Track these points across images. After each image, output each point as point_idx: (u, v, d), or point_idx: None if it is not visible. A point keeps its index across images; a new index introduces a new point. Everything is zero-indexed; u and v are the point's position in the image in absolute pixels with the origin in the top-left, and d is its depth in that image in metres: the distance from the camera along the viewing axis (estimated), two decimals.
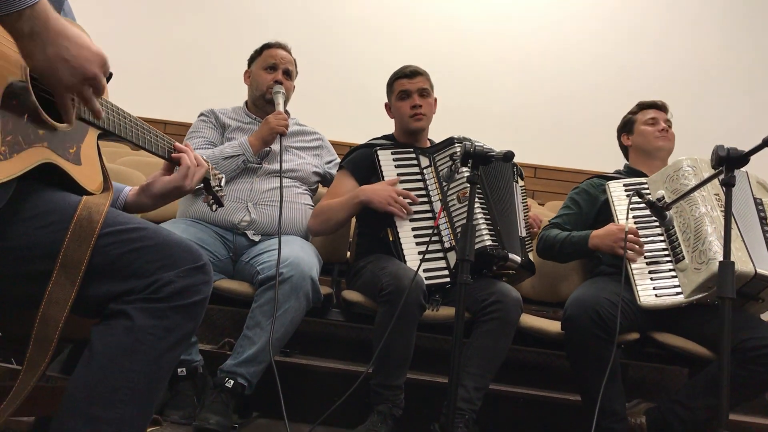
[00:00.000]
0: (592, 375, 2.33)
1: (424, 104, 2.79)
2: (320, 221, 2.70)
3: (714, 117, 5.53)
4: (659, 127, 2.92)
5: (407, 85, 2.80)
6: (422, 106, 2.78)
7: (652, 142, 2.91)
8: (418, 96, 2.79)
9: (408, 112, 2.78)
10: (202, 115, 2.91)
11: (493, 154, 2.00)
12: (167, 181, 1.52)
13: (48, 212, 1.13)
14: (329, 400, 2.21)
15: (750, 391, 2.37)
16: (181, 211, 2.75)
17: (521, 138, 5.31)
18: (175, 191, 1.53)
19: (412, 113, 2.77)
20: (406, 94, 2.79)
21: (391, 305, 2.28)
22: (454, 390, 1.84)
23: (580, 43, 5.86)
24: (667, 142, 2.92)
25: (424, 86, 2.81)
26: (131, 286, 1.12)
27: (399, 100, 2.81)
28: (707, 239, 2.42)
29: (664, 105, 3.01)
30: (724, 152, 1.88)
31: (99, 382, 1.08)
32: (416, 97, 2.78)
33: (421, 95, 2.79)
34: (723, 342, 1.77)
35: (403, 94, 2.80)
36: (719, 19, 5.91)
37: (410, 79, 2.80)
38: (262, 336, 2.28)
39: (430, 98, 2.84)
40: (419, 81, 2.80)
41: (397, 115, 2.85)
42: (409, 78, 2.80)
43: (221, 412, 2.20)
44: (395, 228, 2.57)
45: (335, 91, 5.51)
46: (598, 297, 2.41)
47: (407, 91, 2.79)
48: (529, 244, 2.75)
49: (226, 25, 5.83)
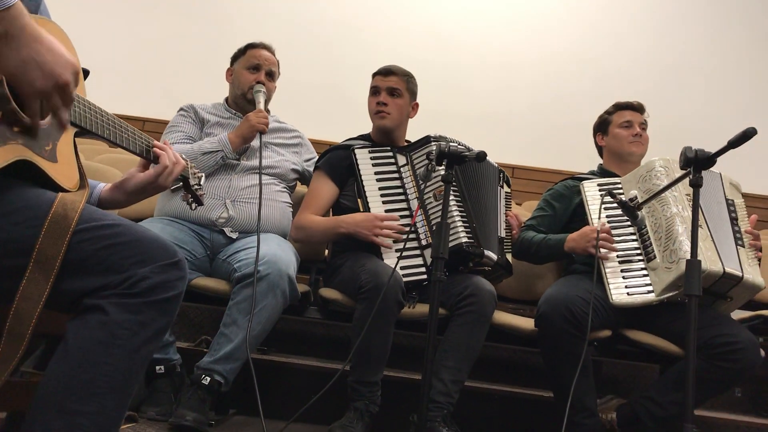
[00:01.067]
0: (565, 371, 2.36)
1: (390, 103, 2.76)
2: (302, 236, 2.72)
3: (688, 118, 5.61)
4: (633, 131, 2.93)
5: (378, 81, 2.80)
6: (387, 105, 2.76)
7: (625, 147, 2.95)
8: (387, 94, 2.77)
9: (373, 108, 2.79)
10: (182, 110, 2.91)
11: (467, 154, 2.03)
12: (143, 177, 1.54)
13: (23, 208, 1.13)
14: (306, 397, 2.22)
15: (718, 387, 2.42)
16: (158, 209, 2.75)
17: (499, 139, 5.36)
18: (151, 188, 1.54)
19: (376, 110, 2.77)
20: (376, 91, 2.80)
21: (370, 302, 2.30)
22: (428, 382, 1.86)
23: (558, 45, 5.92)
24: (639, 148, 2.94)
25: (395, 86, 2.78)
26: (106, 281, 1.13)
27: (370, 95, 2.83)
28: (678, 239, 2.46)
29: (641, 106, 3.02)
30: (692, 153, 1.93)
31: (74, 375, 1.09)
32: (383, 95, 2.77)
33: (390, 94, 2.77)
34: (689, 339, 1.82)
35: (373, 90, 2.82)
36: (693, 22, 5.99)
37: (384, 76, 2.80)
38: (239, 333, 2.29)
39: (401, 99, 2.79)
40: (392, 80, 2.79)
41: (369, 108, 2.85)
42: (383, 75, 2.80)
43: (198, 409, 2.20)
44: None
45: (315, 90, 5.52)
46: (570, 294, 2.45)
47: (377, 88, 2.80)
48: (508, 245, 2.78)
49: (205, 22, 5.82)
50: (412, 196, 2.65)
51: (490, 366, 3.10)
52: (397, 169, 2.70)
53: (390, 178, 2.69)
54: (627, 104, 3.03)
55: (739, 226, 2.64)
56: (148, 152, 1.53)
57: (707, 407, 3.08)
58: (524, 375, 3.17)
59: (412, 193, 2.65)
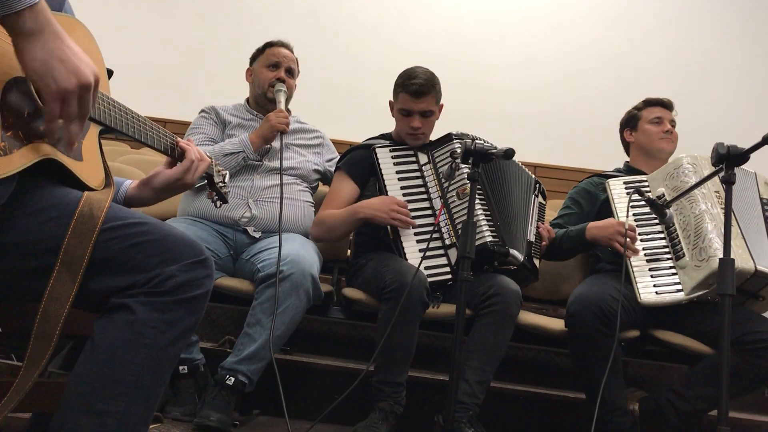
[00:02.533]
0: (596, 370, 2.33)
1: (424, 124, 2.67)
2: (322, 231, 2.68)
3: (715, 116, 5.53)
4: (664, 128, 2.90)
5: (411, 105, 2.64)
6: (422, 127, 2.66)
7: (656, 143, 2.90)
8: (420, 117, 2.65)
9: (407, 129, 2.68)
10: (203, 111, 2.91)
11: (494, 151, 2.00)
12: (169, 174, 1.53)
13: (50, 207, 1.13)
14: (330, 397, 2.21)
15: (748, 384, 2.38)
16: (181, 209, 2.75)
17: (521, 136, 5.31)
18: (178, 185, 1.53)
19: (411, 132, 2.67)
20: (408, 113, 2.67)
21: (394, 302, 2.28)
22: (455, 384, 1.84)
23: (581, 42, 5.86)
24: (669, 145, 2.91)
25: (428, 108, 2.65)
26: (133, 280, 1.12)
27: (400, 114, 2.69)
28: (707, 236, 2.42)
29: (670, 103, 2.98)
30: (724, 150, 1.88)
31: (101, 375, 1.08)
32: (417, 119, 2.65)
33: (423, 115, 2.66)
34: (723, 339, 1.77)
35: (405, 112, 2.67)
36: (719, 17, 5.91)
37: (416, 99, 2.62)
38: (263, 333, 2.28)
39: (434, 117, 2.71)
40: (424, 103, 2.64)
41: (398, 125, 2.76)
42: (415, 98, 2.62)
43: (222, 409, 2.20)
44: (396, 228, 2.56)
45: (336, 90, 5.51)
46: (600, 293, 2.42)
47: (410, 111, 2.65)
48: (536, 250, 2.74)
49: (226, 24, 5.84)
50: (434, 195, 2.62)
51: (516, 367, 3.06)
52: (419, 168, 2.68)
53: (412, 177, 2.66)
54: (657, 100, 2.99)
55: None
56: (173, 150, 1.52)
57: (736, 408, 3.02)
58: (550, 376, 3.13)
59: (434, 192, 2.63)
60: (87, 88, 1.05)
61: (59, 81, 1.02)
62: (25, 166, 1.06)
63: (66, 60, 1.02)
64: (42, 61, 1.00)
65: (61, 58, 1.01)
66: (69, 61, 1.02)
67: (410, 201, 2.60)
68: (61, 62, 1.01)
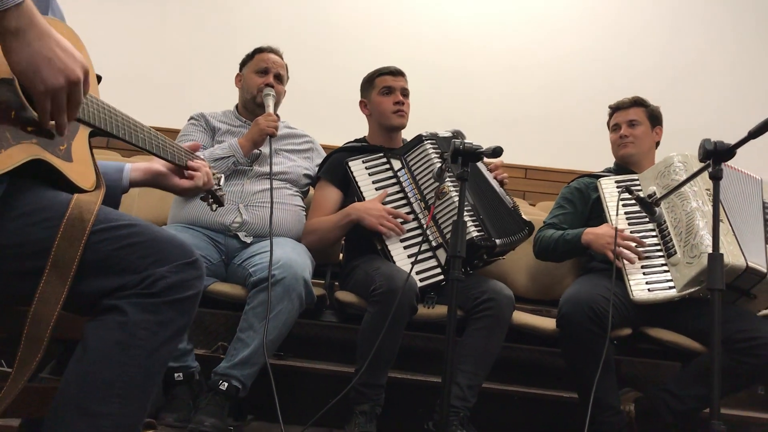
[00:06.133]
0: (588, 370, 2.33)
1: (405, 103, 2.85)
2: (314, 240, 2.70)
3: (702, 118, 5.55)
4: (619, 134, 2.91)
5: (391, 82, 2.86)
6: (404, 104, 2.84)
7: (616, 152, 2.94)
8: (401, 95, 2.84)
9: (391, 107, 2.82)
10: (192, 118, 2.91)
11: (482, 150, 2.01)
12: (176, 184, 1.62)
13: (39, 209, 1.12)
14: (324, 401, 2.20)
15: (740, 382, 2.39)
16: (172, 216, 2.74)
17: (511, 139, 5.32)
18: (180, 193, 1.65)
19: (396, 109, 2.82)
20: (389, 90, 2.84)
21: (382, 305, 2.29)
22: (447, 385, 1.84)
23: (570, 45, 5.89)
24: (626, 150, 2.90)
25: (406, 86, 2.87)
26: (124, 281, 1.12)
27: (381, 95, 2.85)
28: (699, 233, 2.44)
29: (627, 102, 2.97)
30: (711, 146, 1.90)
31: (93, 376, 1.08)
32: (399, 95, 2.83)
33: (402, 94, 2.85)
34: (713, 334, 1.78)
35: (386, 90, 2.85)
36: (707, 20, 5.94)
37: (394, 76, 2.86)
38: (256, 338, 2.28)
39: (408, 100, 2.88)
40: (402, 81, 2.87)
41: (377, 111, 2.87)
42: (394, 76, 2.86)
43: (216, 415, 2.19)
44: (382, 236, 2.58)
45: (326, 95, 5.51)
46: (591, 293, 2.42)
47: (391, 88, 2.84)
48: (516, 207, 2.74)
49: (215, 31, 5.83)
50: (413, 198, 2.64)
51: (509, 367, 3.06)
52: (394, 174, 2.70)
53: (388, 185, 2.68)
54: (614, 106, 3.02)
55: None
56: (165, 151, 1.52)
57: (730, 405, 3.04)
58: (543, 376, 3.14)
59: (413, 196, 2.64)
60: (76, 84, 1.05)
61: (47, 80, 1.02)
62: (14, 166, 1.05)
63: (53, 59, 1.01)
64: (28, 61, 1.00)
65: (48, 57, 1.01)
66: (56, 59, 1.02)
67: (391, 208, 2.61)
68: (48, 61, 1.01)
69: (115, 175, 1.49)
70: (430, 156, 2.62)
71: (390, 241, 2.56)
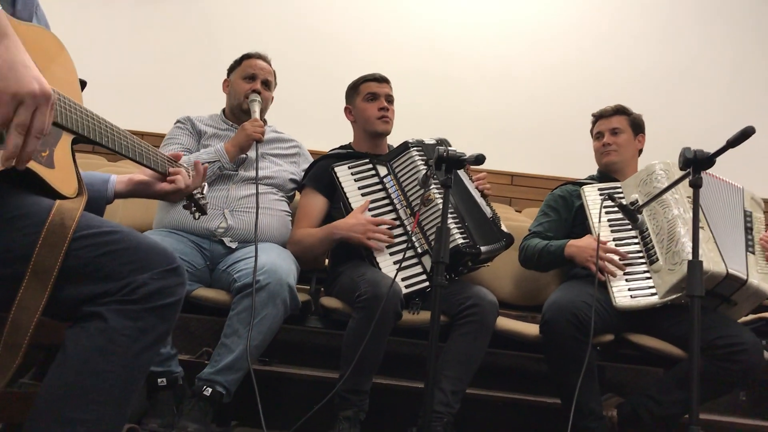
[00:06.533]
0: (571, 376, 2.35)
1: (390, 109, 2.87)
2: (299, 250, 2.69)
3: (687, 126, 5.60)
4: (602, 142, 2.94)
5: (375, 88, 2.88)
6: (389, 111, 2.86)
7: (599, 159, 2.96)
8: (386, 101, 2.87)
9: (375, 113, 2.84)
10: (179, 122, 2.91)
11: (466, 158, 2.03)
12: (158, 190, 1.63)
13: (21, 216, 1.12)
14: (308, 407, 2.21)
15: (721, 388, 2.41)
16: (157, 220, 2.74)
17: (497, 146, 5.35)
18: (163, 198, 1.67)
19: (380, 115, 2.83)
20: (374, 96, 2.86)
21: (366, 311, 2.30)
22: (431, 391, 1.85)
23: (557, 54, 5.92)
24: (609, 158, 2.92)
25: (390, 93, 2.90)
26: (105, 288, 1.12)
27: (366, 101, 2.87)
28: (680, 240, 2.46)
29: (609, 110, 2.99)
30: (691, 154, 1.93)
31: (73, 383, 1.08)
32: (383, 101, 2.85)
33: (387, 100, 2.88)
34: (692, 340, 1.80)
35: (370, 96, 2.87)
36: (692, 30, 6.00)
37: (379, 83, 2.89)
38: (240, 344, 2.27)
39: (393, 106, 2.92)
40: (387, 88, 2.90)
41: (361, 117, 2.89)
42: (378, 82, 2.89)
43: (200, 420, 2.19)
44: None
45: (314, 101, 5.52)
46: (575, 300, 2.44)
47: (375, 94, 2.86)
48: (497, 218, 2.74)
49: (203, 35, 5.83)
50: (399, 205, 2.65)
51: (492, 372, 3.08)
52: (380, 180, 2.71)
53: (374, 191, 2.69)
54: (596, 114, 3.04)
55: (753, 236, 2.63)
56: (148, 159, 1.53)
57: (711, 410, 3.07)
58: (527, 381, 3.15)
59: (399, 202, 2.65)
60: (47, 99, 1.01)
61: (21, 82, 0.98)
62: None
63: (31, 68, 1.01)
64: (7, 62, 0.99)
65: (26, 64, 1.00)
66: (33, 69, 1.01)
67: (376, 215, 2.62)
68: (26, 68, 1.00)
69: (100, 185, 1.50)
70: (416, 163, 2.64)
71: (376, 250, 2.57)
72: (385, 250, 2.56)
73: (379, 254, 2.56)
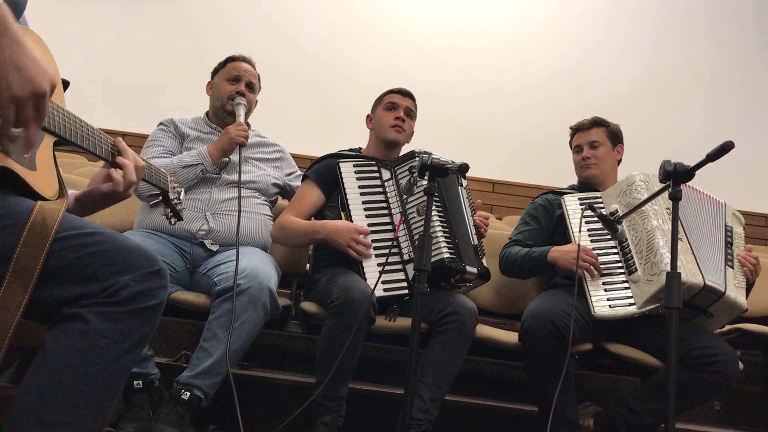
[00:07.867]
0: (549, 385, 2.36)
1: (407, 122, 2.88)
2: (282, 236, 2.71)
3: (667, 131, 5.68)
4: (582, 155, 2.96)
5: (397, 99, 2.90)
6: (405, 122, 2.87)
7: (580, 173, 2.98)
8: (404, 113, 2.87)
9: (390, 121, 2.84)
10: (162, 124, 2.89)
11: (449, 166, 2.04)
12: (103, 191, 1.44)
13: (2, 216, 1.12)
14: (287, 412, 2.20)
15: (696, 398, 2.44)
16: (137, 222, 2.72)
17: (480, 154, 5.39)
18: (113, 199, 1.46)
19: (394, 124, 2.84)
20: (393, 106, 2.88)
21: (338, 317, 2.30)
22: (410, 398, 1.85)
23: (540, 65, 5.98)
24: (589, 171, 2.94)
25: (412, 108, 2.92)
26: (87, 289, 1.11)
27: (385, 110, 2.88)
28: (659, 251, 2.48)
29: (587, 123, 3.00)
30: (671, 167, 1.95)
31: (52, 385, 1.07)
32: (401, 112, 2.86)
33: (406, 114, 2.89)
34: (670, 351, 1.82)
35: (390, 105, 2.88)
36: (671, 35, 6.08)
37: (403, 96, 2.91)
38: (219, 348, 2.26)
39: (413, 121, 2.94)
40: (409, 102, 2.92)
41: (377, 124, 2.89)
42: (402, 96, 2.91)
43: (177, 424, 2.17)
44: None
45: (298, 105, 5.52)
46: (554, 309, 2.45)
47: (396, 104, 2.88)
48: (482, 250, 2.77)
49: (185, 37, 5.81)
50: (395, 210, 2.65)
51: (471, 380, 3.09)
52: (381, 184, 2.71)
53: (374, 192, 2.69)
54: (574, 127, 3.05)
55: (732, 251, 2.67)
56: None
57: (687, 420, 3.10)
58: (506, 389, 3.17)
59: (396, 208, 2.65)
60: (41, 97, 1.04)
61: (13, 88, 1.00)
62: None
63: (23, 68, 1.01)
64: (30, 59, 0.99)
65: (17, 66, 1.00)
66: (26, 70, 1.01)
67: (371, 216, 2.62)
68: (18, 70, 1.00)
69: None
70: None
71: None
72: (373, 253, 2.56)
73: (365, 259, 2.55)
